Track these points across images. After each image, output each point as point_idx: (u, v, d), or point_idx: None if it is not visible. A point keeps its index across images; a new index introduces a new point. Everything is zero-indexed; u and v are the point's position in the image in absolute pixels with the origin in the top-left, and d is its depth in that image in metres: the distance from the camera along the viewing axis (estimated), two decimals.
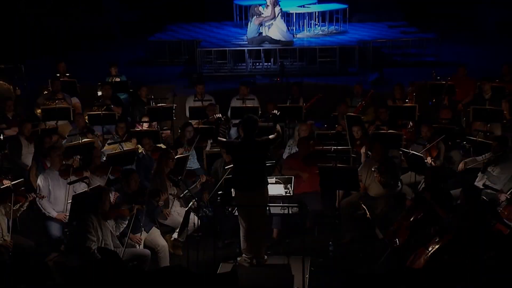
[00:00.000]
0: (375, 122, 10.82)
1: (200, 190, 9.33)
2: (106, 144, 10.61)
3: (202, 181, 8.97)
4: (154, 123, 11.35)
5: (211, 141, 10.63)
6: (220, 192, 8.53)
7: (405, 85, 12.02)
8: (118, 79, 12.95)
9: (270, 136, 7.61)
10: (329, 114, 11.57)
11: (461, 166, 8.98)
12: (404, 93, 11.82)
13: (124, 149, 9.76)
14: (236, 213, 7.84)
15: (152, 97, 12.17)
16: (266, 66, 14.69)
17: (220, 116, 7.99)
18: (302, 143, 9.24)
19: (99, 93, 12.52)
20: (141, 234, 7.91)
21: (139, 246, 7.87)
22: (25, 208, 8.13)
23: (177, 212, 8.62)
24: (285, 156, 10.19)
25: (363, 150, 9.63)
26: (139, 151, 9.93)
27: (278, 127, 7.70)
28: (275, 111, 8.02)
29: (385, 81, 13.39)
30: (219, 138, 7.83)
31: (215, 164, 9.39)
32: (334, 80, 13.77)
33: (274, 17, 14.31)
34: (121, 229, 7.64)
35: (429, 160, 9.36)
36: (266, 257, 7.79)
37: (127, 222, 7.68)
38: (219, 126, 7.97)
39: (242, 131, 7.65)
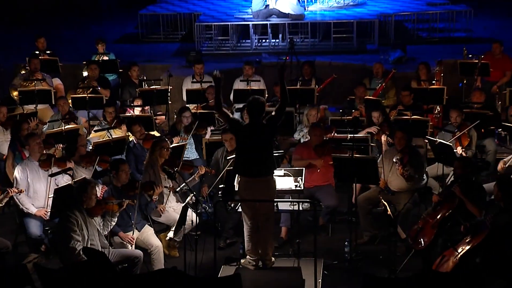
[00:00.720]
0: (397, 106, 10.80)
1: (199, 183, 9.35)
2: (92, 131, 10.63)
3: (200, 173, 8.99)
4: (147, 107, 11.35)
5: (211, 128, 10.63)
6: (222, 185, 8.53)
7: (432, 64, 11.97)
8: (106, 58, 12.96)
9: (276, 108, 7.56)
10: (345, 98, 11.55)
11: (500, 166, 8.94)
12: (430, 73, 11.78)
13: (113, 137, 9.77)
14: (240, 209, 7.85)
15: (145, 78, 12.18)
16: (273, 43, 14.66)
17: (218, 74, 7.72)
18: (314, 130, 9.22)
19: (85, 74, 12.53)
20: (133, 233, 7.93)
21: (130, 246, 7.89)
22: (3, 204, 8.16)
23: (172, 208, 8.63)
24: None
25: (383, 138, 9.61)
26: (130, 139, 9.94)
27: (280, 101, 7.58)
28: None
29: (408, 60, 13.33)
30: (224, 109, 7.72)
31: (216, 154, 9.39)
32: (350, 59, 13.74)
33: None
34: (110, 228, 7.65)
35: (459, 150, 9.34)
36: (273, 259, 7.80)
37: (116, 219, 7.69)
38: (219, 86, 7.73)
39: (247, 115, 7.62)
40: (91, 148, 9.52)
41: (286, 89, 7.50)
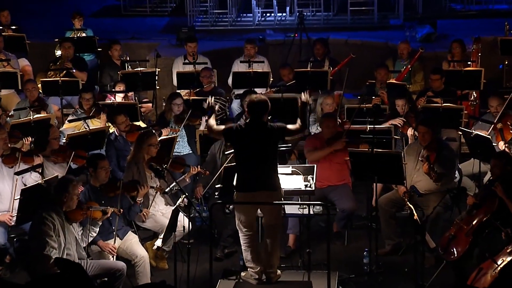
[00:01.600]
0: (426, 92, 10.77)
1: (192, 183, 9.34)
2: (66, 122, 10.63)
3: (192, 173, 8.95)
4: (131, 93, 11.35)
5: (207, 117, 10.61)
6: (219, 185, 8.53)
7: (467, 42, 11.95)
8: (82, 35, 12.95)
9: (290, 126, 7.56)
10: (363, 82, 11.53)
11: None
12: (465, 53, 11.76)
13: (90, 128, 9.76)
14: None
15: (128, 58, 12.18)
16: (279, 18, 14.65)
17: (212, 102, 7.88)
18: (327, 121, 9.19)
19: (57, 53, 12.53)
20: (114, 241, 7.94)
21: (112, 257, 7.89)
22: None
23: (160, 212, 8.63)
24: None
25: (410, 132, 9.59)
26: (111, 130, 9.92)
27: (299, 122, 7.58)
28: (305, 97, 7.71)
29: (439, 37, 13.30)
30: (210, 122, 7.72)
31: (213, 148, 9.39)
32: (370, 36, 13.73)
33: None
34: (91, 238, 7.67)
35: (501, 145, 9.30)
36: (279, 271, 7.80)
37: (97, 229, 7.73)
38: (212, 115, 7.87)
39: (248, 114, 7.62)
40: (64, 141, 9.52)
41: (307, 116, 7.57)
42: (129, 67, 11.83)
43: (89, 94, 10.65)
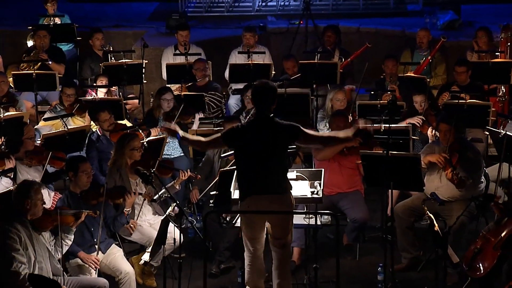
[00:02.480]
0: (451, 86, 10.75)
1: (183, 190, 9.37)
2: (42, 120, 10.63)
3: (182, 179, 8.95)
4: (115, 88, 11.37)
5: (200, 115, 10.65)
6: (214, 192, 8.54)
7: (494, 30, 11.97)
8: (58, 21, 12.96)
9: (310, 132, 7.46)
10: (377, 76, 11.56)
11: None
12: (492, 42, 11.78)
13: (70, 127, 9.73)
14: (238, 224, 7.86)
15: (111, 49, 12.17)
16: (282, 3, 14.67)
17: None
18: (337, 119, 9.21)
19: (30, 43, 12.53)
20: (97, 254, 7.94)
21: (94, 272, 7.89)
22: None
23: (148, 222, 8.66)
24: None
25: (430, 132, 9.60)
26: (93, 129, 9.94)
27: (342, 134, 7.54)
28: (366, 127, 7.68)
29: (463, 24, 13.32)
30: (208, 140, 7.51)
31: (209, 152, 9.39)
32: (386, 23, 13.75)
33: None
34: (65, 248, 7.66)
35: None
36: None
37: (72, 236, 7.69)
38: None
39: (253, 104, 7.59)
40: (39, 142, 9.51)
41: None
42: (113, 58, 11.82)
43: (72, 89, 10.66)
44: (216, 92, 11.20)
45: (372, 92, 10.81)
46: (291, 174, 8.07)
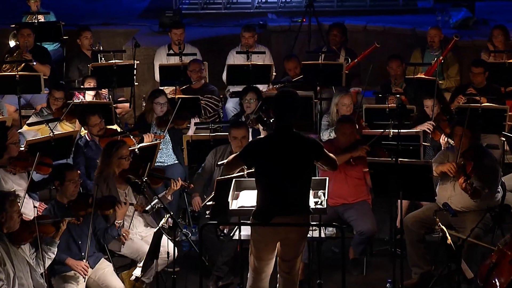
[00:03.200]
0: (465, 89, 10.74)
1: (176, 199, 9.36)
2: (25, 125, 10.63)
3: (174, 189, 8.93)
4: (104, 91, 11.37)
5: (196, 120, 10.64)
6: (211, 202, 8.55)
7: (511, 28, 11.99)
8: (42, 19, 12.96)
9: (329, 154, 7.44)
10: (385, 77, 11.58)
11: None
12: (509, 42, 11.81)
13: (56, 133, 9.72)
14: (236, 236, 7.86)
15: (101, 48, 12.18)
16: None
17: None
18: (343, 126, 9.19)
19: (12, 43, 12.53)
20: (86, 262, 7.94)
21: (83, 280, 7.89)
22: None
23: (139, 235, 8.67)
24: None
25: (443, 138, 9.61)
26: (82, 134, 9.95)
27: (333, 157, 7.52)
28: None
29: (478, 22, 13.33)
30: (232, 165, 7.56)
31: (212, 155, 9.34)
32: (394, 21, 13.76)
33: None
34: (48, 261, 7.67)
35: None
36: None
37: (55, 249, 7.69)
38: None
39: (274, 115, 7.36)
40: (23, 148, 9.48)
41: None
42: (103, 59, 11.82)
43: (61, 92, 10.65)
44: (213, 96, 11.19)
45: (380, 95, 10.80)
46: None
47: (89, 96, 11.01)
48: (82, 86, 11.14)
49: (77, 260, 7.89)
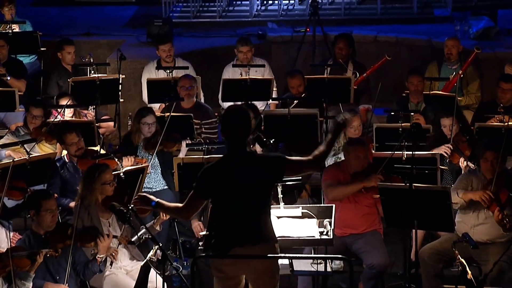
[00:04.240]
0: (489, 107, 10.71)
1: (166, 230, 9.34)
2: None
3: (163, 219, 8.87)
4: (89, 110, 11.34)
5: (187, 141, 10.59)
6: (204, 232, 8.52)
7: None
8: (16, 29, 12.97)
9: (295, 158, 7.29)
10: (398, 93, 11.57)
11: None
12: None
13: (32, 155, 9.70)
14: None
15: (84, 60, 12.14)
16: (285, 7, 14.73)
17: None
18: (355, 149, 9.14)
19: None
20: None
21: None
22: None
23: (124, 269, 8.65)
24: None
25: (462, 162, 9.59)
26: (62, 154, 9.93)
27: (315, 152, 7.35)
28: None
29: (501, 32, 13.37)
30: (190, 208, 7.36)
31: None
32: (408, 31, 13.80)
33: None
34: None
35: None
36: None
37: (30, 284, 7.68)
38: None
39: (224, 136, 7.23)
40: None
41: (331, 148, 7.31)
42: (92, 72, 11.55)
43: (39, 110, 10.63)
44: (212, 120, 11.04)
45: (392, 113, 10.76)
46: (296, 211, 8.08)
47: (68, 114, 10.93)
48: (60, 105, 10.97)
49: (57, 284, 7.88)
